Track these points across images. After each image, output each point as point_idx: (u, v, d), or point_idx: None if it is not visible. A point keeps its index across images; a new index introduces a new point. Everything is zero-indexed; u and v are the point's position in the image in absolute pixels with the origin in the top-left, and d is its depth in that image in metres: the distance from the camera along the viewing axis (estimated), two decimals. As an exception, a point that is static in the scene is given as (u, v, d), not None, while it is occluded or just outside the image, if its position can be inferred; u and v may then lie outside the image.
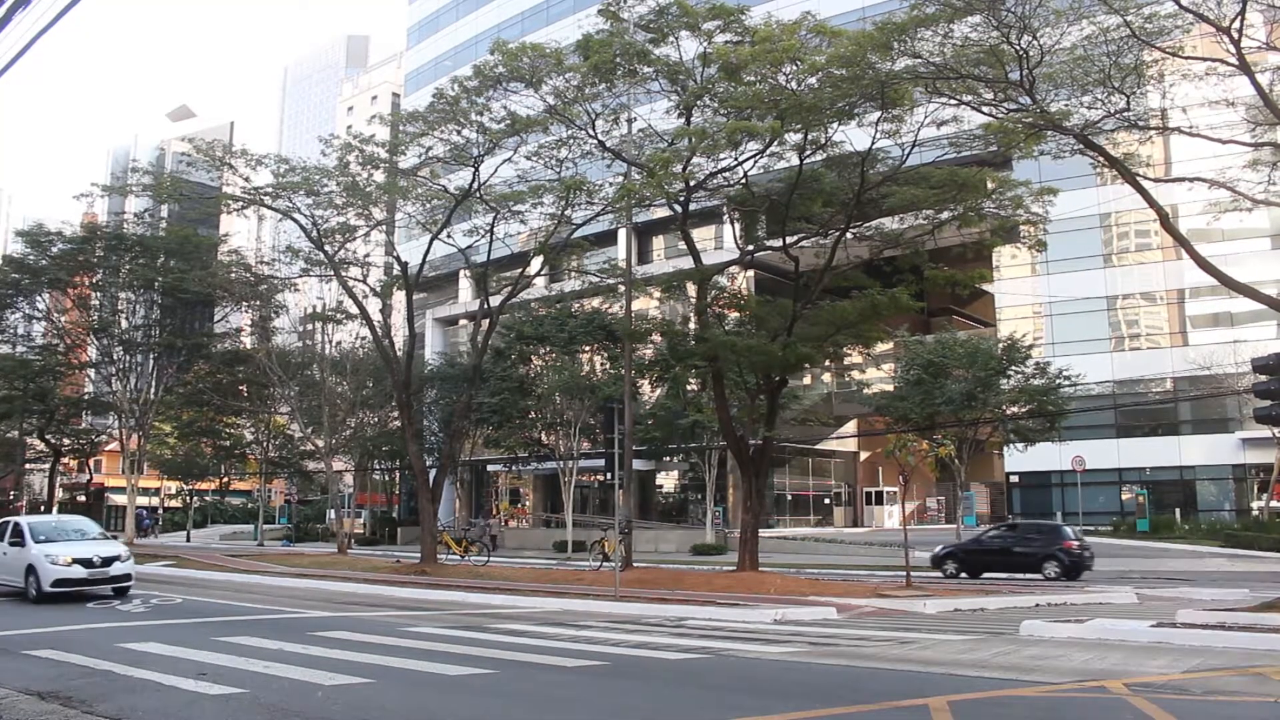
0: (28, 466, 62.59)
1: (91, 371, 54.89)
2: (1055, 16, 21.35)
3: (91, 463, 66.27)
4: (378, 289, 36.92)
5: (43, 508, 59.96)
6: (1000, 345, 39.11)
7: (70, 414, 55.66)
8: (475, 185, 30.18)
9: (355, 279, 35.78)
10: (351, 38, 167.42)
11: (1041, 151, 24.57)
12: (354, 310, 36.98)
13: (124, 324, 48.99)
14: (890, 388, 45.55)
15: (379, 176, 32.61)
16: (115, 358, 48.40)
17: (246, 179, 33.86)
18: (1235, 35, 19.31)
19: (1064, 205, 30.39)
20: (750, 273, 43.48)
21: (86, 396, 55.86)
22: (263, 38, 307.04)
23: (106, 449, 65.55)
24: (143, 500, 66.79)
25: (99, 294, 51.25)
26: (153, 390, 49.55)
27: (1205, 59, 21.40)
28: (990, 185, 26.72)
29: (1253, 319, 46.18)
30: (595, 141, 27.87)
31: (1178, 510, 47.27)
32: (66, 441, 55.67)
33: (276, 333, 51.93)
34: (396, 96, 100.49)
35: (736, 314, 29.99)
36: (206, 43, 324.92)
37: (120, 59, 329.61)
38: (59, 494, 62.31)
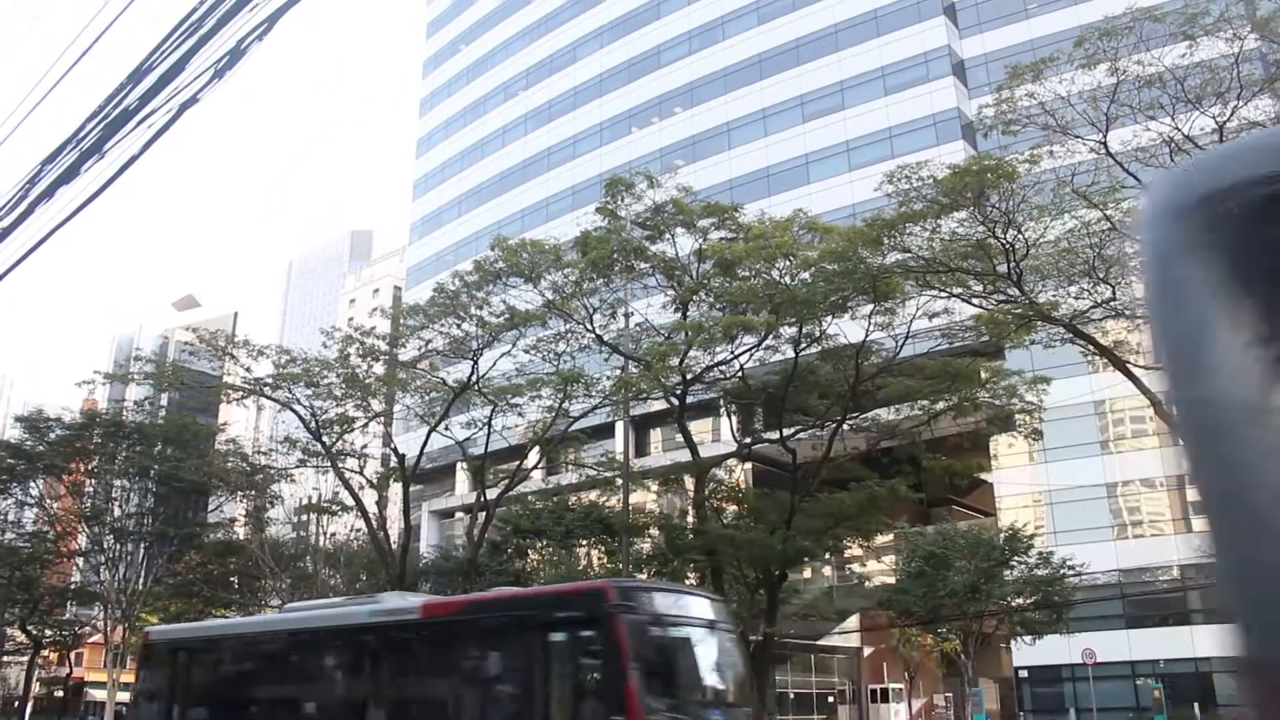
0: (4, 659, 60.78)
1: (79, 560, 53.96)
2: (1038, 211, 22.00)
3: (72, 655, 64.39)
4: (374, 481, 36.73)
5: (17, 704, 57.90)
6: (1002, 535, 38.68)
7: (55, 604, 54.39)
8: (474, 378, 30.40)
9: (352, 470, 35.63)
10: (356, 232, 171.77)
11: (1032, 341, 24.94)
12: (350, 502, 36.67)
13: (116, 511, 48.48)
14: (892, 580, 44.77)
15: (378, 368, 32.89)
16: (105, 546, 47.68)
17: (248, 369, 34.12)
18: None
19: (1058, 393, 30.57)
20: (748, 465, 43.32)
21: (73, 586, 54.73)
22: (270, 231, 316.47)
23: (89, 641, 63.75)
24: (124, 696, 64.57)
25: (93, 481, 50.90)
26: (141, 580, 48.61)
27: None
28: (984, 375, 27.01)
29: (1257, 503, 45.79)
30: (593, 335, 28.25)
31: (1196, 705, 45.72)
32: (49, 633, 54.20)
33: (271, 523, 51.34)
34: (398, 289, 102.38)
35: (734, 507, 29.77)
36: (215, 235, 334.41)
37: (129, 248, 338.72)
38: (35, 688, 60.27)
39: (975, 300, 23.69)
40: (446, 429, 32.89)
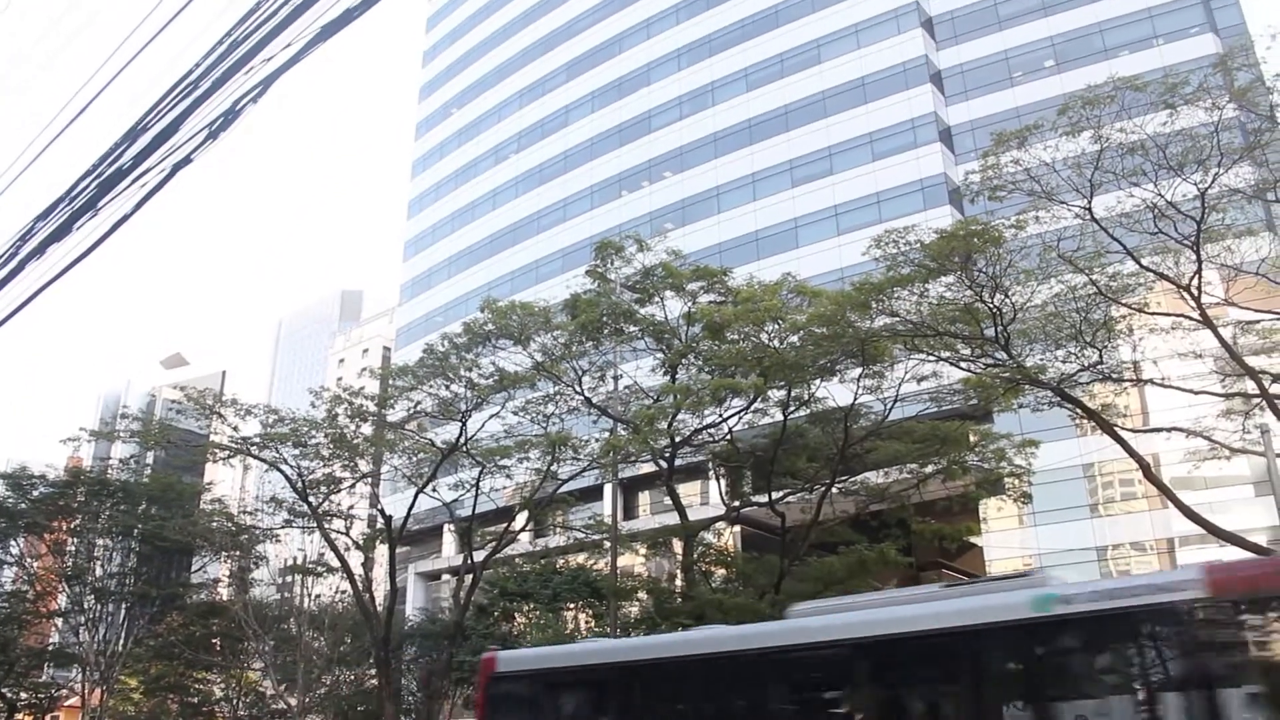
0: (-24, 723, 59.44)
1: (59, 621, 53.16)
2: (1025, 276, 22.17)
3: (48, 719, 63.15)
4: (360, 542, 36.42)
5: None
6: (992, 599, 38.44)
7: (31, 666, 53.45)
8: (462, 439, 30.32)
9: (338, 531, 35.35)
10: (346, 293, 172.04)
11: (1020, 404, 24.99)
12: (335, 563, 36.34)
13: (99, 571, 47.88)
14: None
15: (366, 429, 32.78)
16: (86, 606, 47.00)
17: (235, 428, 33.94)
18: (1195, 293, 20.08)
19: (1046, 456, 30.60)
20: (736, 529, 43.13)
21: (50, 647, 53.86)
22: (260, 290, 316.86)
23: (66, 704, 62.56)
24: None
25: (76, 540, 50.31)
26: (122, 642, 47.91)
27: (1170, 314, 22.16)
28: (972, 439, 27.03)
29: (1245, 569, 45.66)
30: (582, 398, 28.31)
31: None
32: (24, 695, 53.17)
33: (255, 584, 50.76)
34: (388, 350, 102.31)
35: (723, 571, 29.65)
36: (204, 293, 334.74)
37: (118, 305, 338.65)
38: (8, 754, 59.00)
39: (963, 364, 23.78)
40: (434, 490, 32.74)
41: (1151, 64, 42.58)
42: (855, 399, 25.43)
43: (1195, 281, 20.37)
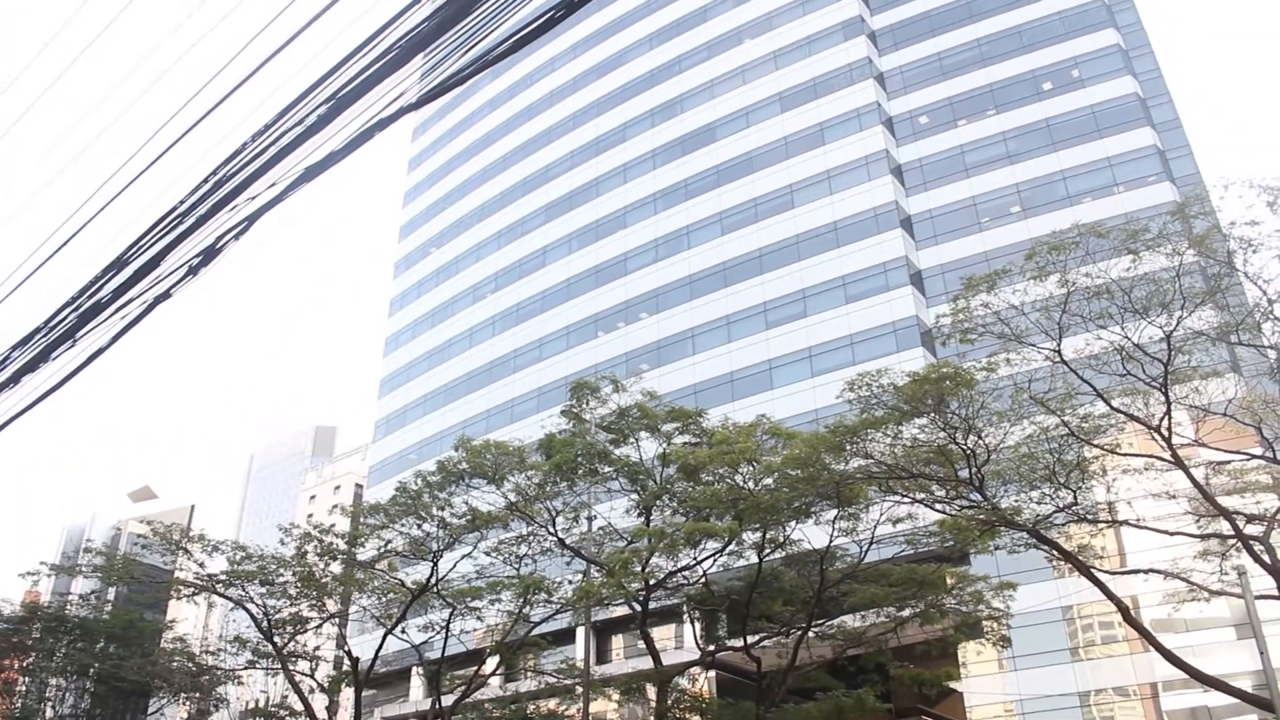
0: None
1: (1, 769, 50.93)
2: (997, 417, 22.35)
3: None
4: (325, 684, 35.40)
5: None
6: (974, 747, 37.61)
7: (-29, 815, 50.99)
8: (433, 579, 29.83)
9: (303, 673, 34.42)
10: (319, 428, 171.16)
11: (997, 546, 24.91)
12: (299, 707, 35.24)
13: (49, 713, 46.17)
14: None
15: (336, 567, 32.22)
16: (33, 753, 45.18)
17: (201, 564, 33.32)
18: (1166, 434, 20.28)
19: (1025, 599, 30.37)
20: (711, 673, 42.17)
21: (-10, 799, 51.47)
22: (232, 424, 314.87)
23: None
24: None
25: (27, 678, 48.59)
26: (68, 792, 45.94)
27: (1142, 455, 22.32)
28: (949, 581, 26.83)
29: (1232, 713, 44.85)
30: (555, 539, 28.03)
31: None
32: None
33: (214, 729, 49.06)
34: (360, 487, 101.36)
35: (698, 718, 28.93)
36: (176, 426, 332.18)
37: (88, 436, 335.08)
38: None
39: (938, 505, 23.77)
40: (403, 632, 32.04)
41: (1113, 210, 43.93)
42: (831, 541, 25.29)
43: (1165, 422, 20.60)
